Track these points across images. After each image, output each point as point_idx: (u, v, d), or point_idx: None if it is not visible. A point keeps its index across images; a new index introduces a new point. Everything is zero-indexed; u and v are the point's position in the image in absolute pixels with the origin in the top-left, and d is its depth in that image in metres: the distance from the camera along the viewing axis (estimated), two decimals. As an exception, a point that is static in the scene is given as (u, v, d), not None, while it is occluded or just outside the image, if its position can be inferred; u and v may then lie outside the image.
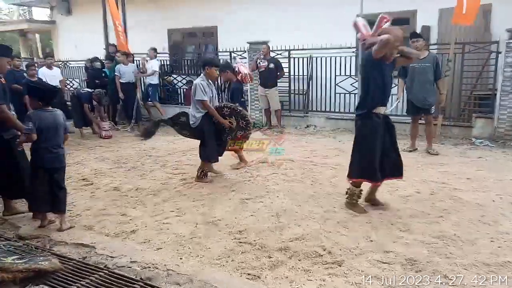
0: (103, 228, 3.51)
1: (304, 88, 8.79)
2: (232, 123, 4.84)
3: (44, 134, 3.35)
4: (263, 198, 4.07)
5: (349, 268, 2.68)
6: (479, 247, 2.94)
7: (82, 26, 13.19)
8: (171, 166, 5.53)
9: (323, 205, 3.83)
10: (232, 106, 4.89)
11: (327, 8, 8.96)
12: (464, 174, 4.78)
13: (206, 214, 3.74)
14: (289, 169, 5.13)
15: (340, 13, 8.72)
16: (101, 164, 5.83)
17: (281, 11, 9.66)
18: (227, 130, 4.87)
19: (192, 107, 4.71)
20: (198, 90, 4.55)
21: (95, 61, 9.36)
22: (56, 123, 3.42)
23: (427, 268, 2.64)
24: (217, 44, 10.84)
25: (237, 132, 4.95)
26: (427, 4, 7.98)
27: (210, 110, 4.65)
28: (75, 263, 2.86)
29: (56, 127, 3.42)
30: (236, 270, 2.73)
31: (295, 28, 9.14)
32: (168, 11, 11.56)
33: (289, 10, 9.58)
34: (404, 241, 3.05)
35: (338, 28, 8.53)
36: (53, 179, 3.43)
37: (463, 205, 3.76)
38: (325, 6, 8.99)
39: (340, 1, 8.69)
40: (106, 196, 4.39)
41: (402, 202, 3.90)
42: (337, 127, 8.13)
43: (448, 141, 6.63)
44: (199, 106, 4.63)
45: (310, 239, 3.12)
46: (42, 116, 3.38)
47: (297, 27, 9.17)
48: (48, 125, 3.37)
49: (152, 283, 2.59)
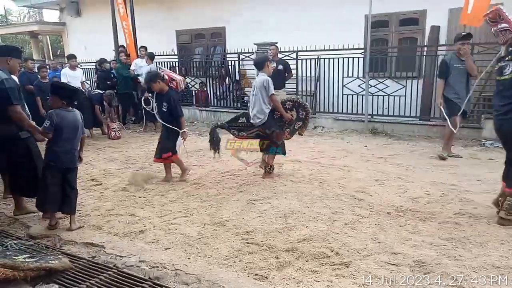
0: (112, 228, 3.55)
1: (312, 89, 8.78)
2: (293, 116, 4.95)
3: (64, 133, 3.41)
4: (271, 199, 4.07)
5: (357, 270, 2.67)
6: (489, 249, 2.91)
7: (91, 27, 13.35)
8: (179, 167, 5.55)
9: (331, 206, 3.82)
10: (293, 99, 5.06)
11: (336, 9, 8.96)
12: (474, 176, 4.73)
13: (213, 214, 3.75)
14: (296, 170, 5.13)
15: (348, 14, 8.75)
16: (110, 164, 5.89)
17: (290, 12, 9.69)
18: (286, 123, 4.95)
19: (260, 104, 4.68)
20: (270, 85, 4.64)
21: (104, 63, 9.44)
22: (76, 123, 3.49)
23: (435, 270, 2.62)
24: (225, 45, 10.88)
25: (295, 124, 5.02)
26: (437, 4, 7.94)
27: (277, 104, 4.75)
28: (85, 262, 2.89)
29: (75, 127, 3.48)
30: (243, 270, 2.74)
31: (303, 29, 9.16)
32: (176, 12, 11.65)
33: (298, 11, 9.60)
34: (412, 243, 3.02)
35: (346, 29, 8.57)
36: (66, 180, 3.48)
37: (473, 207, 3.72)
38: (334, 7, 8.99)
39: (349, 1, 8.69)
40: (114, 196, 4.44)
41: (412, 203, 3.87)
42: (344, 128, 8.11)
43: (457, 143, 6.56)
44: (268, 102, 4.69)
45: (318, 240, 3.12)
46: (64, 115, 3.44)
47: (305, 28, 9.19)
48: (68, 125, 3.43)
49: (160, 282, 2.61)
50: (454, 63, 5.56)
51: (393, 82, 7.84)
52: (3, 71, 3.57)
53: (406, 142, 6.88)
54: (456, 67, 5.54)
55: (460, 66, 5.54)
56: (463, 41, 5.49)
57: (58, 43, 20.72)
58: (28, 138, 3.66)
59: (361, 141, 7.03)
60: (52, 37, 19.21)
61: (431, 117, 7.60)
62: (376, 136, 7.47)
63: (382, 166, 5.29)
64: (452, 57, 5.63)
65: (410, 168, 5.16)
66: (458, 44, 5.52)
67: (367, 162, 5.53)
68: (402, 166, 5.27)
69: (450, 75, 5.60)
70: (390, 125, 7.67)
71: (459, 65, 5.52)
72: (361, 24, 8.61)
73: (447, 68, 5.59)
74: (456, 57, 5.57)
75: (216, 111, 9.86)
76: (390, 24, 8.75)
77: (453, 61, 5.57)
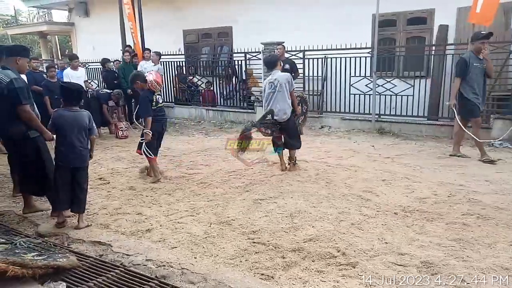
0: (119, 227, 3.57)
1: (319, 89, 8.76)
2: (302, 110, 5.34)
3: (67, 133, 3.44)
4: (277, 199, 4.07)
5: (363, 270, 2.66)
6: (498, 250, 2.88)
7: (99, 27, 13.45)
8: (185, 166, 5.58)
9: (338, 206, 3.81)
10: (300, 94, 5.34)
11: (343, 9, 8.93)
12: (483, 176, 4.68)
13: (220, 214, 3.76)
14: (303, 170, 5.12)
15: (355, 13, 8.71)
16: (117, 163, 5.93)
17: (296, 12, 9.67)
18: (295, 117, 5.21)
19: (284, 100, 4.85)
20: (292, 81, 4.95)
21: (106, 63, 9.46)
22: (78, 123, 3.49)
23: (443, 271, 2.60)
24: (232, 45, 10.89)
25: (299, 119, 5.32)
26: (445, 3, 7.87)
27: (295, 99, 5.03)
28: (92, 260, 2.92)
29: (77, 127, 3.48)
30: (249, 270, 2.74)
31: (310, 29, 9.14)
32: (183, 12, 11.68)
33: (304, 11, 9.58)
34: (419, 244, 3.01)
35: (353, 28, 8.53)
36: (75, 179, 3.51)
37: (481, 208, 3.68)
38: (341, 6, 8.96)
39: (356, 1, 8.65)
40: (122, 195, 4.47)
41: (419, 204, 3.84)
42: (351, 127, 8.07)
43: (466, 143, 6.49)
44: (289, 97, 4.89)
45: (324, 240, 3.11)
46: (65, 115, 3.47)
47: (312, 28, 9.16)
48: (69, 124, 3.46)
49: (167, 281, 2.62)
50: (474, 62, 5.39)
51: (401, 82, 7.78)
52: (12, 70, 3.61)
53: (413, 142, 6.83)
54: (475, 66, 5.39)
55: (479, 66, 5.40)
56: (483, 40, 5.34)
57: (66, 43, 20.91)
58: (37, 137, 3.70)
59: (368, 141, 7.00)
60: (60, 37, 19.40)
61: (439, 117, 7.53)
62: (384, 136, 7.42)
63: (389, 166, 5.26)
64: (471, 55, 5.43)
65: (417, 168, 5.12)
66: (477, 43, 5.36)
67: (374, 162, 5.51)
68: (409, 166, 5.23)
69: (468, 74, 5.41)
70: (398, 125, 7.62)
71: (478, 64, 5.38)
72: (369, 23, 8.56)
73: (466, 67, 5.40)
74: (475, 56, 5.41)
75: (223, 111, 9.87)
76: (398, 23, 8.69)
77: (472, 60, 5.40)
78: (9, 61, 3.69)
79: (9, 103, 3.53)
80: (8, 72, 3.56)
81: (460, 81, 5.48)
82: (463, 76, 5.44)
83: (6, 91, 3.49)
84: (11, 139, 3.72)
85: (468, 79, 5.42)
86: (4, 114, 3.60)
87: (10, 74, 3.55)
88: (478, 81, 5.44)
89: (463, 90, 5.48)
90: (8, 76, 3.52)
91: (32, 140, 3.67)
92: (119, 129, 8.09)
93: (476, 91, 5.44)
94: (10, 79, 3.51)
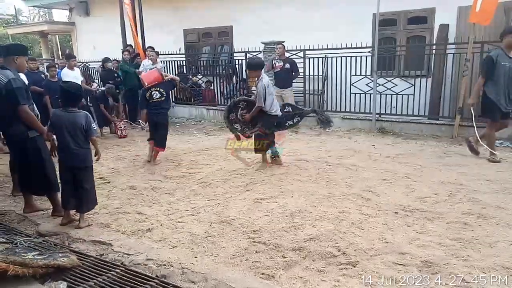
0: (119, 226, 3.58)
1: (320, 88, 8.75)
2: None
3: (63, 132, 3.45)
4: (278, 198, 4.06)
5: (364, 269, 2.65)
6: (499, 250, 2.88)
7: (100, 27, 13.44)
8: (186, 166, 5.58)
9: (338, 206, 3.81)
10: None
11: (343, 8, 8.92)
12: (483, 176, 4.67)
13: (220, 213, 3.76)
14: (303, 169, 5.12)
15: (356, 13, 8.70)
16: (118, 163, 5.93)
17: (297, 11, 9.66)
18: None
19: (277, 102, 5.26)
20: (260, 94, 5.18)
21: (107, 62, 9.43)
22: (72, 123, 3.47)
23: (443, 271, 2.60)
24: (232, 44, 10.89)
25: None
26: (445, 2, 7.86)
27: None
28: (93, 260, 2.92)
29: (72, 128, 3.46)
30: (250, 269, 2.74)
31: (310, 28, 9.12)
32: (184, 11, 11.67)
33: (305, 10, 9.57)
34: (420, 243, 3.00)
35: (354, 28, 8.53)
36: (76, 178, 3.52)
37: (482, 207, 3.68)
38: (341, 6, 8.96)
39: (357, 0, 8.63)
40: (122, 194, 4.47)
41: (419, 203, 3.84)
42: (352, 127, 8.06)
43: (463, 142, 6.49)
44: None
45: (325, 239, 3.11)
46: (61, 115, 3.49)
47: (313, 27, 9.15)
48: (65, 124, 3.46)
49: (167, 280, 2.62)
50: (502, 60, 4.98)
51: (402, 81, 7.77)
52: (11, 70, 3.58)
53: (414, 141, 6.82)
54: (503, 65, 4.97)
55: (508, 64, 4.98)
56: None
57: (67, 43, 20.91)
58: (37, 137, 3.69)
59: (369, 140, 6.99)
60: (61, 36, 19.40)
61: (439, 116, 7.53)
62: (384, 135, 7.42)
63: (389, 166, 5.25)
64: (499, 53, 5.02)
65: (418, 168, 5.11)
66: (508, 37, 4.95)
67: (374, 162, 5.50)
68: (410, 166, 5.23)
69: (494, 73, 5.02)
70: (398, 124, 7.62)
71: (506, 63, 4.97)
72: (369, 23, 8.56)
73: (493, 65, 4.99)
74: (503, 54, 5.00)
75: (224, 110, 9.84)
76: (398, 23, 8.68)
77: (500, 58, 4.99)
78: (7, 61, 3.67)
79: (8, 103, 3.51)
80: (6, 72, 3.53)
81: (483, 81, 5.12)
82: (489, 77, 5.06)
83: (4, 91, 3.47)
84: (11, 139, 3.73)
85: (493, 78, 5.04)
86: (4, 114, 3.59)
87: (8, 74, 3.51)
88: (507, 82, 5.00)
89: (487, 90, 5.11)
90: (7, 77, 3.48)
91: (32, 140, 3.67)
92: (118, 128, 8.09)
93: (501, 92, 5.02)
94: (8, 80, 3.47)
